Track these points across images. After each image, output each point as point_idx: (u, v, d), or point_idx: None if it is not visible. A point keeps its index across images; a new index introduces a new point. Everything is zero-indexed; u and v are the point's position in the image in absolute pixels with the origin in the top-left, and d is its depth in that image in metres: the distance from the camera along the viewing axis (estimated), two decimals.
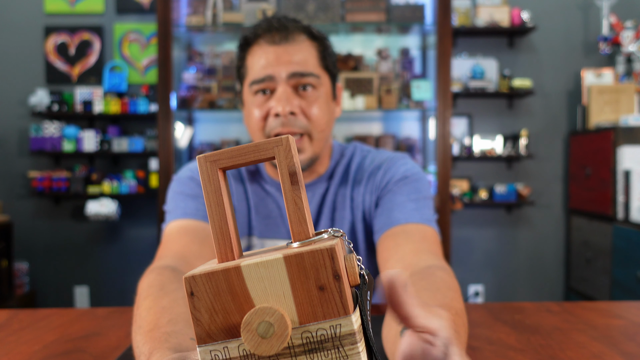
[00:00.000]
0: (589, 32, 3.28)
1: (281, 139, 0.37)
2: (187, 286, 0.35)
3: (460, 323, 0.63)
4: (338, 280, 0.34)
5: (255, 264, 0.35)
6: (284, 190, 0.37)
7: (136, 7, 3.19)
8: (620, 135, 2.77)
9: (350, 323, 0.35)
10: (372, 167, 1.04)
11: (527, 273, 3.35)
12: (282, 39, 0.95)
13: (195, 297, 0.35)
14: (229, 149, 0.37)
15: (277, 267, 0.35)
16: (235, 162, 0.37)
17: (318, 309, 0.35)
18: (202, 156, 0.37)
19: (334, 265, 0.34)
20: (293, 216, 0.37)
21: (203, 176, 0.37)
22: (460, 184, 3.20)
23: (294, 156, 0.37)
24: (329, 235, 0.38)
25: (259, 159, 0.37)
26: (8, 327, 0.87)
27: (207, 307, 0.35)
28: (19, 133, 3.24)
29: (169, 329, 0.58)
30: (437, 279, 0.72)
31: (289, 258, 0.35)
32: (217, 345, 0.36)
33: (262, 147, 0.37)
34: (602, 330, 0.83)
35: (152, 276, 0.74)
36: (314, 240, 0.36)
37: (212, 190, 0.37)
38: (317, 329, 0.35)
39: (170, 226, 0.95)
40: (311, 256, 0.34)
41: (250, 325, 0.34)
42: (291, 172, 0.37)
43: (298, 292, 0.35)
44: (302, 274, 0.35)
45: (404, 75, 2.90)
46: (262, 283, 0.35)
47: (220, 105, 2.79)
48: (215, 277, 0.35)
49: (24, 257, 3.23)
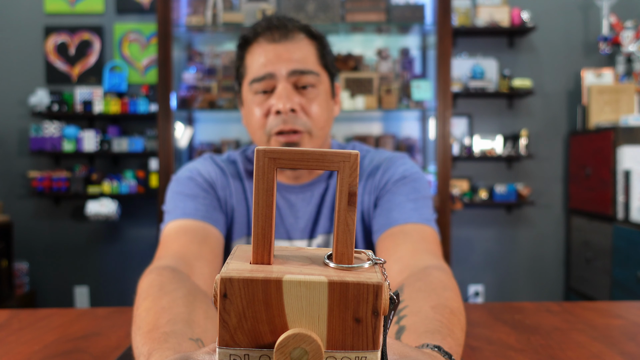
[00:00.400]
0: (589, 32, 3.28)
1: (350, 154, 0.35)
2: (221, 287, 0.34)
3: (456, 322, 0.63)
4: (376, 317, 0.34)
5: (298, 282, 0.34)
6: (339, 208, 0.36)
7: (136, 7, 3.19)
8: (620, 135, 2.77)
9: (375, 357, 0.35)
10: (371, 167, 1.04)
11: (527, 273, 3.35)
12: (282, 37, 0.95)
13: (228, 300, 0.34)
14: (293, 150, 0.36)
15: (318, 290, 0.34)
16: (295, 165, 0.36)
17: (349, 338, 0.34)
18: (261, 149, 0.36)
19: (375, 302, 0.34)
20: (341, 236, 0.36)
21: (257, 171, 0.36)
22: (460, 184, 3.20)
23: (357, 176, 0.36)
24: (369, 264, 0.37)
25: (321, 168, 0.36)
26: (8, 327, 0.87)
27: (238, 311, 0.34)
28: (19, 133, 3.24)
29: (168, 329, 0.58)
30: (433, 279, 0.72)
31: (334, 285, 0.34)
32: (239, 351, 0.35)
33: (328, 157, 0.35)
34: (602, 330, 0.83)
35: (151, 276, 0.74)
36: (354, 268, 0.36)
37: (264, 188, 0.36)
38: (342, 357, 0.35)
39: (169, 226, 0.95)
40: (356, 288, 0.34)
41: (285, 347, 0.33)
42: (351, 192, 0.36)
43: (334, 318, 0.34)
44: (342, 302, 0.34)
45: (404, 75, 2.90)
46: (299, 302, 0.34)
47: (220, 105, 2.79)
48: (254, 284, 0.34)
49: (24, 257, 3.23)
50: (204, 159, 1.06)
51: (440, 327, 0.58)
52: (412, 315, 0.62)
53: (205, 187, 1.00)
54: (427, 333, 0.57)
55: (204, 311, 0.67)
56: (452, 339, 0.57)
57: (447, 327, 0.59)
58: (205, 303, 0.70)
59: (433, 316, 0.61)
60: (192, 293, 0.70)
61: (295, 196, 1.04)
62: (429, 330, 0.57)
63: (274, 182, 0.36)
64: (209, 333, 0.63)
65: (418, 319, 0.60)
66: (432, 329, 0.58)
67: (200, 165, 1.04)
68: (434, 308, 0.63)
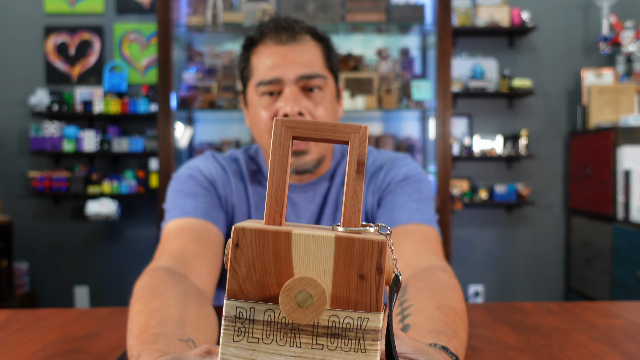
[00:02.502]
0: (589, 32, 3.28)
1: (360, 127, 0.38)
2: (234, 237, 0.36)
3: (460, 323, 0.63)
4: (380, 274, 0.36)
5: (307, 235, 0.36)
6: (348, 175, 0.38)
7: (136, 7, 3.19)
8: (620, 135, 2.77)
9: (377, 320, 0.36)
10: (374, 167, 1.04)
11: (527, 273, 3.35)
12: (289, 39, 0.95)
13: (239, 250, 0.36)
14: (307, 121, 0.38)
15: (326, 245, 0.36)
16: (309, 135, 0.38)
17: (352, 294, 0.36)
18: (279, 119, 0.38)
19: (380, 258, 0.36)
20: (349, 202, 0.38)
21: (275, 138, 0.38)
22: (460, 184, 3.20)
23: (366, 147, 0.38)
24: (375, 230, 0.38)
25: (333, 139, 0.38)
26: (8, 327, 0.87)
27: (248, 261, 0.36)
28: (19, 133, 3.24)
29: (157, 331, 0.58)
30: (437, 279, 0.72)
31: (341, 240, 0.36)
32: (245, 303, 0.36)
33: (339, 129, 0.38)
34: (602, 330, 0.83)
35: (145, 279, 0.74)
36: (361, 231, 0.37)
37: (280, 154, 0.38)
38: (345, 316, 0.36)
39: (169, 225, 0.95)
40: (362, 244, 0.36)
41: (291, 290, 0.35)
42: (360, 161, 0.38)
43: (339, 273, 0.36)
44: (347, 258, 0.36)
45: (404, 75, 2.90)
46: (307, 255, 0.36)
47: (220, 105, 2.79)
48: (265, 235, 0.36)
49: (24, 257, 3.23)
50: (205, 157, 1.06)
51: (445, 328, 0.59)
52: (417, 315, 0.62)
53: (205, 185, 1.00)
54: (432, 333, 0.57)
55: (196, 310, 0.67)
56: (457, 341, 0.57)
57: (451, 329, 0.59)
58: (199, 302, 0.70)
59: (438, 317, 0.61)
60: (185, 293, 0.70)
61: (298, 195, 1.04)
62: (434, 330, 0.58)
63: (289, 149, 0.38)
64: (201, 332, 0.63)
65: (423, 319, 0.61)
66: (437, 330, 0.58)
67: (201, 163, 1.04)
68: (439, 308, 0.63)
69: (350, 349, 0.36)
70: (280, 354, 0.36)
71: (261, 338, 0.36)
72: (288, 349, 0.36)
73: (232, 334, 0.36)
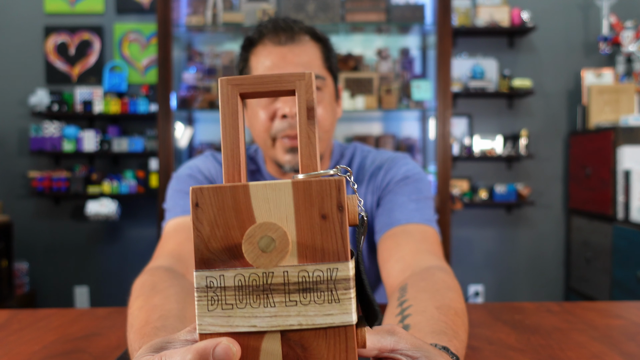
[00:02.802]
0: (589, 32, 3.28)
1: (304, 74, 0.38)
2: (192, 197, 0.36)
3: (460, 323, 0.63)
4: (341, 211, 0.36)
5: (263, 184, 0.36)
6: (299, 123, 0.38)
7: (136, 7, 3.19)
8: (620, 135, 2.77)
9: (346, 268, 0.36)
10: (373, 167, 1.04)
11: (527, 273, 3.35)
12: (288, 40, 0.95)
13: (200, 209, 0.36)
14: (252, 76, 0.38)
15: (284, 191, 0.36)
16: (256, 90, 0.38)
17: (317, 237, 0.36)
18: (224, 79, 0.39)
19: (339, 196, 0.36)
20: (304, 150, 0.38)
21: (222, 98, 0.38)
22: (460, 184, 3.20)
23: (313, 92, 0.38)
24: (334, 172, 0.39)
25: (279, 90, 0.38)
26: (8, 327, 0.87)
27: (210, 219, 0.36)
28: (19, 133, 3.24)
29: (158, 325, 0.59)
30: (437, 279, 0.72)
31: (297, 184, 0.36)
32: (214, 272, 0.36)
33: (284, 78, 0.38)
34: (602, 330, 0.83)
35: (144, 277, 0.74)
36: (320, 174, 0.38)
37: (229, 113, 0.39)
38: (314, 269, 0.36)
39: (169, 225, 0.95)
40: (318, 185, 0.36)
41: (252, 238, 0.35)
42: (309, 107, 0.38)
43: (301, 217, 0.36)
44: (307, 200, 0.36)
45: (404, 75, 2.90)
46: (267, 204, 0.36)
47: None
48: (222, 191, 0.36)
49: (24, 257, 3.23)
50: (205, 156, 1.06)
51: (445, 328, 0.58)
52: (417, 315, 0.62)
53: (205, 185, 1.00)
54: (433, 334, 0.57)
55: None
56: (457, 341, 0.57)
57: (452, 329, 0.59)
58: None
59: (438, 317, 0.61)
60: (185, 290, 0.70)
61: None
62: (435, 331, 0.58)
63: (238, 106, 0.38)
64: None
65: (423, 319, 0.60)
66: (437, 330, 0.58)
67: (201, 162, 1.04)
68: (439, 309, 0.63)
69: (324, 300, 0.36)
70: (256, 316, 0.36)
71: (234, 304, 0.36)
72: (263, 310, 0.36)
73: (205, 304, 0.36)
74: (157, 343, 0.41)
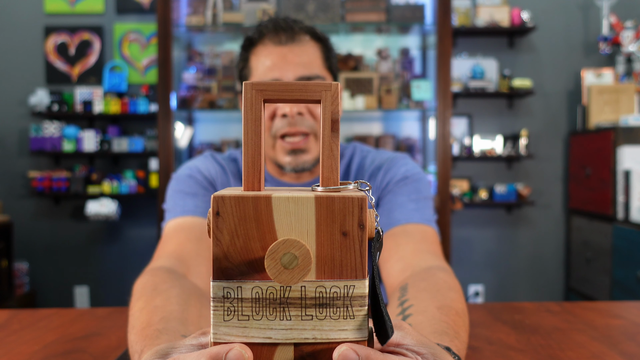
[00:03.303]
0: (589, 32, 3.28)
1: (330, 84, 0.37)
2: (214, 205, 0.36)
3: (461, 323, 0.63)
4: (362, 229, 0.36)
5: (286, 197, 0.35)
6: (323, 135, 0.37)
7: (136, 7, 3.19)
8: (620, 135, 2.77)
9: (363, 286, 0.36)
10: (372, 167, 1.04)
11: (527, 273, 3.35)
12: (288, 39, 0.95)
13: (220, 218, 0.36)
14: (277, 82, 0.37)
15: (306, 205, 0.35)
16: (280, 97, 0.38)
17: (337, 252, 0.36)
18: (248, 83, 0.38)
19: (361, 214, 0.36)
20: (326, 162, 0.38)
21: (246, 103, 0.38)
22: (460, 184, 3.20)
23: (339, 104, 0.37)
24: (354, 187, 0.38)
25: (305, 98, 0.38)
26: (8, 327, 0.87)
27: (230, 229, 0.36)
28: (19, 133, 3.24)
29: (160, 327, 0.58)
30: (438, 279, 0.72)
31: (320, 199, 0.35)
32: (232, 283, 0.36)
33: (310, 88, 0.37)
34: (602, 330, 0.83)
35: (145, 278, 0.74)
36: (340, 189, 0.37)
37: (253, 118, 0.38)
38: (331, 286, 0.36)
39: (169, 225, 0.95)
40: (341, 202, 0.35)
41: (275, 253, 0.35)
42: (334, 119, 0.37)
43: (322, 232, 0.36)
44: (329, 216, 0.36)
45: (404, 75, 2.90)
46: (288, 217, 0.36)
47: (220, 105, 2.79)
48: (245, 202, 0.36)
49: (24, 257, 3.23)
50: (205, 157, 1.06)
51: (447, 328, 0.59)
52: (418, 315, 0.62)
53: (205, 185, 1.00)
54: (434, 334, 0.57)
55: (197, 309, 0.67)
56: (459, 342, 0.57)
57: (453, 329, 0.59)
58: (199, 302, 0.70)
59: (439, 317, 0.61)
60: (186, 292, 0.70)
61: None
62: (436, 331, 0.58)
63: (262, 112, 0.38)
64: None
65: (424, 319, 0.60)
66: (439, 330, 0.58)
67: (201, 163, 1.04)
68: (440, 309, 0.63)
69: (339, 316, 0.36)
70: (272, 328, 0.36)
71: (251, 315, 0.36)
72: (279, 323, 0.36)
73: (222, 314, 0.36)
74: (163, 349, 0.41)
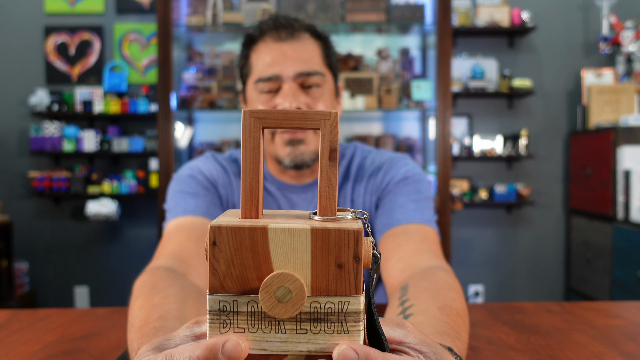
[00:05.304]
0: (589, 32, 3.28)
1: (329, 113, 0.38)
2: (210, 235, 0.36)
3: (462, 324, 0.63)
4: (357, 262, 0.36)
5: (282, 229, 0.36)
6: (321, 164, 0.38)
7: (136, 7, 3.19)
8: (620, 135, 2.77)
9: (358, 302, 0.36)
10: (372, 167, 1.04)
11: (527, 273, 3.35)
12: (288, 36, 0.95)
13: (217, 248, 0.36)
14: (276, 110, 0.38)
15: (302, 237, 0.36)
16: (279, 124, 0.38)
17: (332, 284, 0.36)
18: (247, 110, 0.38)
19: (356, 247, 0.36)
20: (324, 190, 0.38)
21: (245, 130, 0.38)
22: (460, 184, 3.20)
23: (337, 133, 0.38)
24: (352, 217, 0.38)
25: (303, 126, 0.38)
26: (8, 327, 0.87)
27: (226, 258, 0.36)
28: (19, 133, 3.24)
29: (158, 325, 0.59)
30: (438, 279, 0.72)
31: (316, 231, 0.36)
32: (228, 297, 0.37)
33: (309, 116, 0.38)
34: (602, 330, 0.83)
35: (145, 277, 0.75)
36: (337, 219, 0.37)
37: (251, 146, 0.38)
38: (326, 301, 0.36)
39: (170, 224, 0.95)
40: (337, 234, 0.36)
41: (270, 287, 0.35)
42: (332, 148, 0.38)
43: (317, 264, 0.36)
44: (324, 248, 0.36)
45: (404, 75, 2.90)
46: (284, 248, 0.36)
47: (220, 105, 2.79)
48: (241, 232, 0.36)
49: (24, 257, 3.23)
50: (206, 157, 1.06)
51: (448, 329, 0.59)
52: (419, 315, 0.62)
53: (206, 185, 1.00)
54: (435, 334, 0.57)
55: (195, 308, 0.67)
56: (460, 342, 0.57)
57: (454, 329, 0.59)
58: (198, 300, 0.70)
59: (440, 317, 0.61)
60: (185, 291, 0.70)
61: (297, 196, 1.04)
62: (437, 331, 0.58)
63: (260, 140, 0.38)
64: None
65: (425, 319, 0.60)
66: (440, 330, 0.58)
67: (202, 163, 1.04)
68: (441, 309, 0.63)
69: (334, 331, 0.36)
70: (267, 340, 0.36)
71: (247, 328, 0.37)
72: (274, 336, 0.36)
73: (217, 326, 0.37)
74: (157, 342, 0.41)
